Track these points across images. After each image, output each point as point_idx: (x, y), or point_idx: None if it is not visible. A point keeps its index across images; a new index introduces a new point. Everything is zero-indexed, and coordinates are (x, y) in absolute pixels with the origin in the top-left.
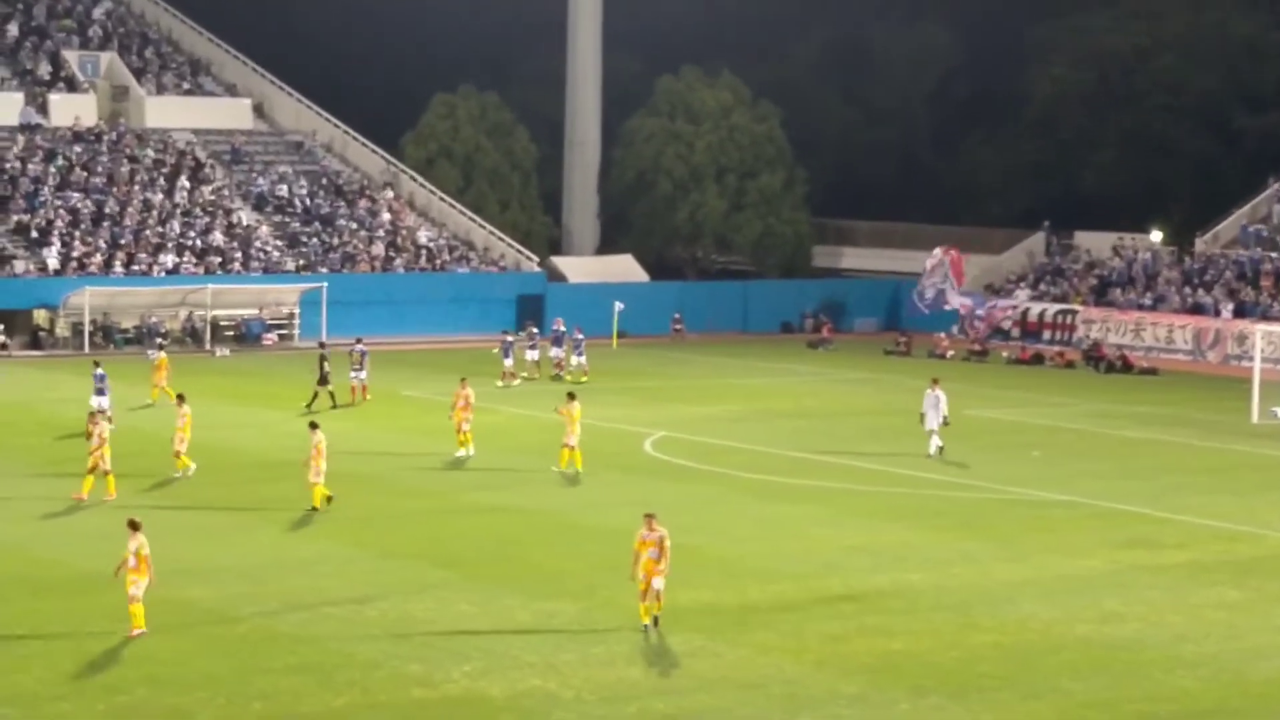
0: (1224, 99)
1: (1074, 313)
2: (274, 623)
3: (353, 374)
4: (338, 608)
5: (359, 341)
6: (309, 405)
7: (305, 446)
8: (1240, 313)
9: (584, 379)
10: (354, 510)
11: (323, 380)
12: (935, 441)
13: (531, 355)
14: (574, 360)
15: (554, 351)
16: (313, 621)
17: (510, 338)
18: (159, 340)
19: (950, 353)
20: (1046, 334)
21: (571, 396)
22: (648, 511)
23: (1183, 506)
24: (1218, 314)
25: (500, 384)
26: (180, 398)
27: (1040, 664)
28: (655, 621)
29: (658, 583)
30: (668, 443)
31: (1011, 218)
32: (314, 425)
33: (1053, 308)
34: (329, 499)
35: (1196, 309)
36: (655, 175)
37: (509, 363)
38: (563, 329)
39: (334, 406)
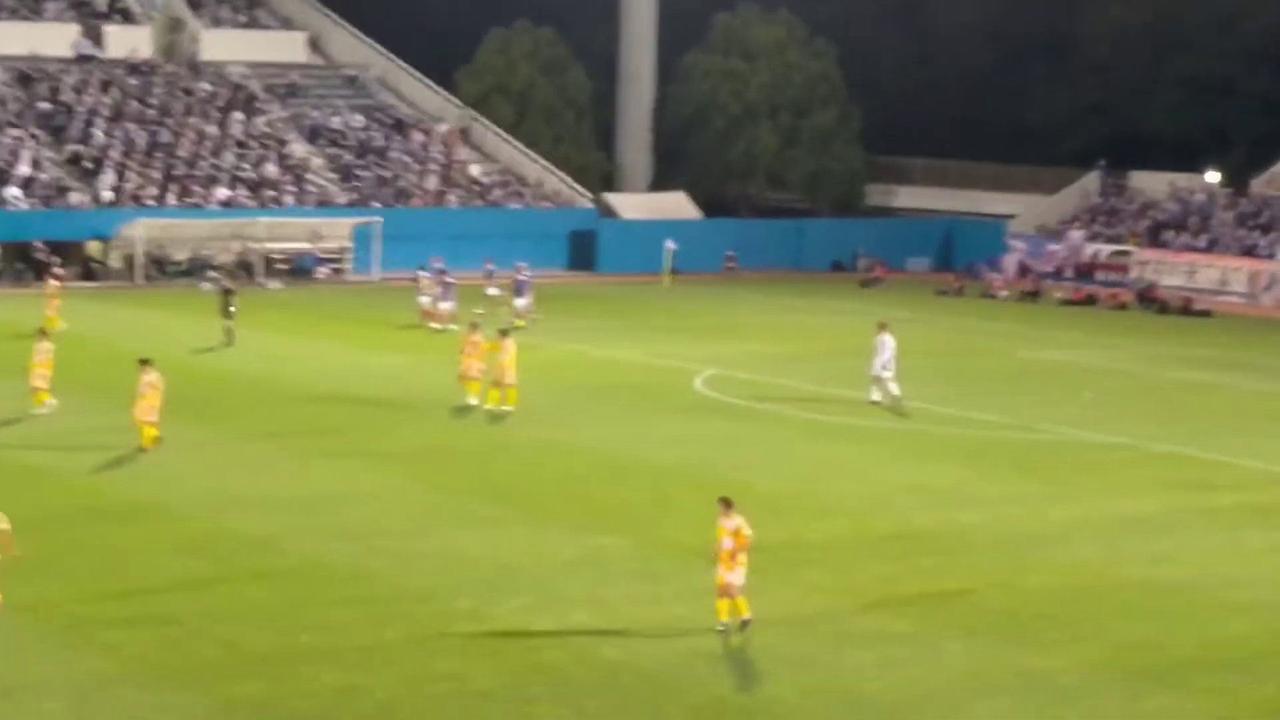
0: None
1: (1128, 254)
2: (324, 555)
3: (441, 302)
4: (389, 540)
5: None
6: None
7: (332, 380)
8: None
9: (520, 324)
10: (407, 444)
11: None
12: (875, 391)
13: (492, 291)
14: (518, 302)
15: (519, 302)
16: (363, 554)
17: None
18: (210, 273)
19: (1003, 293)
20: (1100, 275)
21: (504, 333)
22: (723, 496)
23: (1236, 449)
24: (1273, 256)
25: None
26: (43, 332)
27: (1091, 606)
28: (743, 625)
29: (730, 577)
30: (718, 380)
31: (1067, 158)
32: (144, 362)
33: (1106, 249)
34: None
35: (1251, 251)
36: (710, 112)
37: (523, 302)
38: (493, 268)
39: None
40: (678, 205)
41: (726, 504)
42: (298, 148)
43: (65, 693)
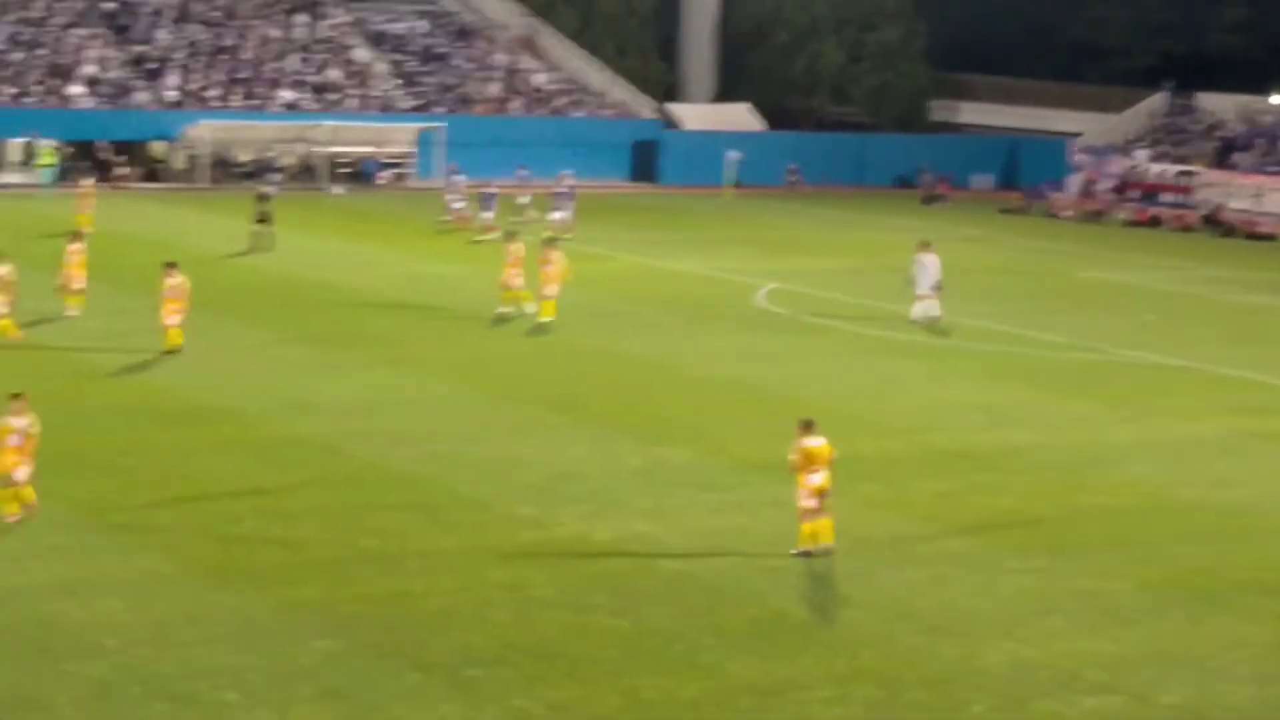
0: None
1: (1194, 175)
2: (383, 459)
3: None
4: (448, 446)
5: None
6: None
7: (391, 286)
8: None
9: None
10: (465, 351)
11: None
12: (921, 307)
13: (522, 200)
14: (554, 215)
15: (555, 215)
16: (422, 460)
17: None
18: (272, 176)
19: (1067, 213)
20: (1165, 196)
21: (549, 243)
22: (804, 418)
23: None
24: None
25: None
26: (75, 234)
27: (1148, 527)
28: (822, 552)
29: (803, 500)
30: (780, 295)
31: (1133, 77)
32: (170, 265)
33: (1172, 169)
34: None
35: None
36: (774, 25)
37: (559, 216)
38: (526, 173)
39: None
40: (741, 117)
41: (807, 425)
42: (361, 53)
43: (125, 591)
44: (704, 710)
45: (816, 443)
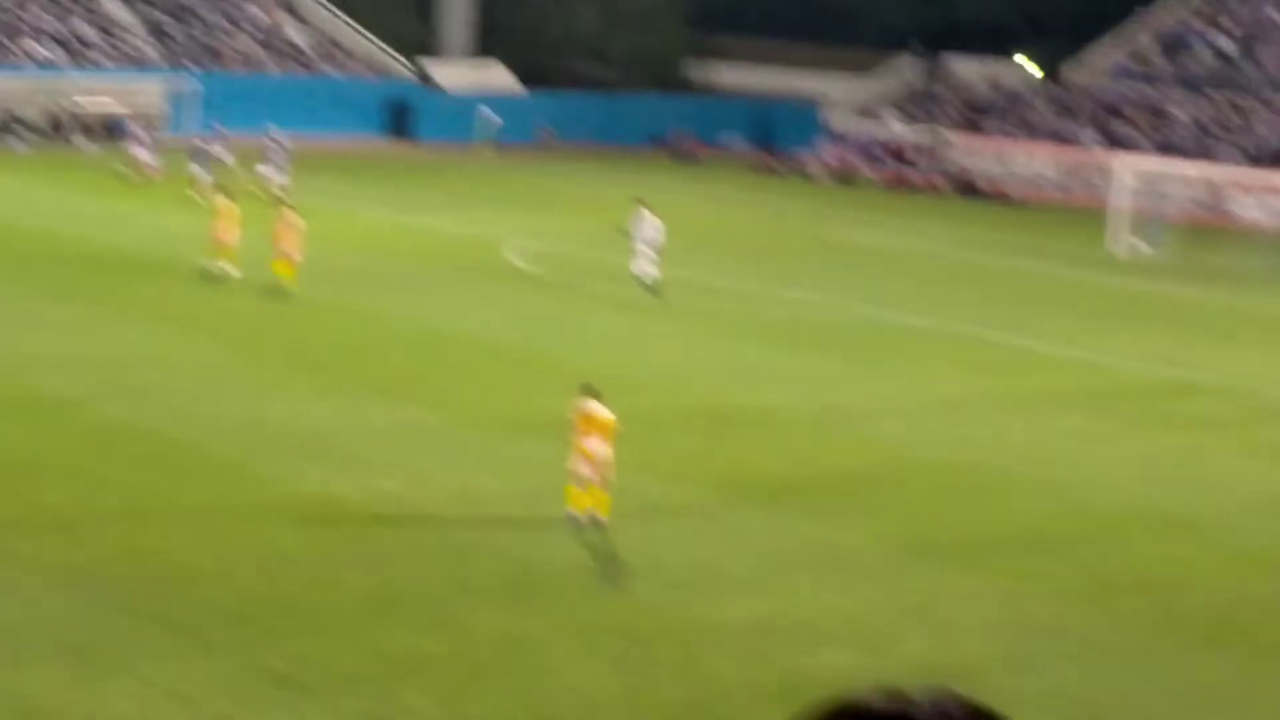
0: None
1: (942, 138)
2: (128, 416)
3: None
4: (192, 405)
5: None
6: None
7: (135, 243)
8: (1110, 144)
9: (255, 189)
10: (211, 309)
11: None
12: (640, 264)
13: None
14: (261, 169)
15: (262, 169)
16: (166, 418)
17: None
18: (19, 130)
19: (816, 172)
20: (913, 159)
21: (280, 203)
22: (586, 383)
23: (1041, 335)
24: (1084, 145)
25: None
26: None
27: (892, 484)
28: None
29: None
30: (530, 252)
31: (886, 40)
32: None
33: (920, 134)
34: None
35: (1064, 139)
36: None
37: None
38: (219, 128)
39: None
40: (496, 76)
41: (588, 390)
42: (111, 5)
43: None
44: (449, 664)
45: (598, 410)
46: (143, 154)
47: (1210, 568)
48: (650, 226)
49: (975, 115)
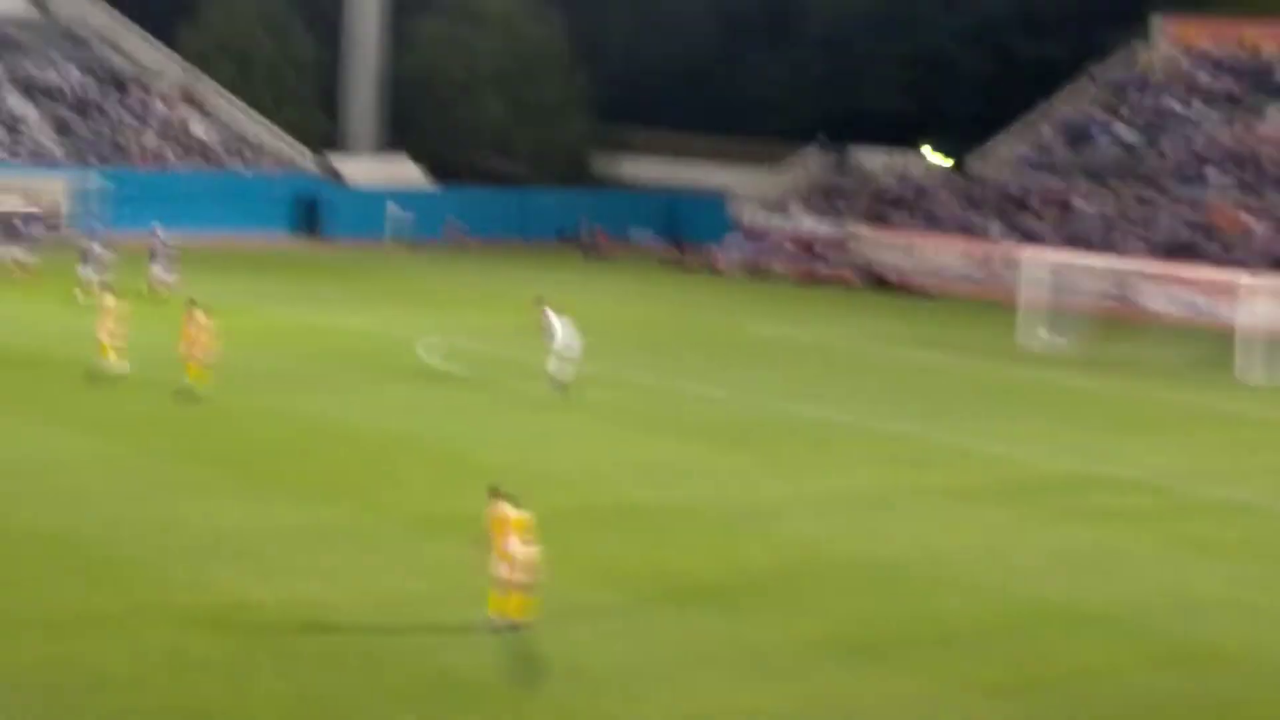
0: (1005, 24)
1: (849, 231)
2: (33, 521)
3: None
4: (100, 507)
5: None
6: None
7: (38, 342)
8: (1017, 235)
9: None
10: (120, 409)
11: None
12: (551, 363)
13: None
14: (154, 268)
15: (154, 268)
16: (74, 521)
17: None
18: None
19: (724, 266)
20: (821, 252)
21: (192, 303)
22: (492, 486)
23: (952, 428)
24: (990, 235)
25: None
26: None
27: (806, 581)
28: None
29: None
30: (440, 349)
31: (790, 133)
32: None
33: (829, 225)
34: None
35: (971, 231)
36: (436, 78)
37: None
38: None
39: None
40: (405, 171)
41: (495, 492)
42: (13, 102)
43: None
44: None
45: (507, 510)
46: (17, 252)
47: (1126, 662)
48: (557, 324)
49: (883, 207)
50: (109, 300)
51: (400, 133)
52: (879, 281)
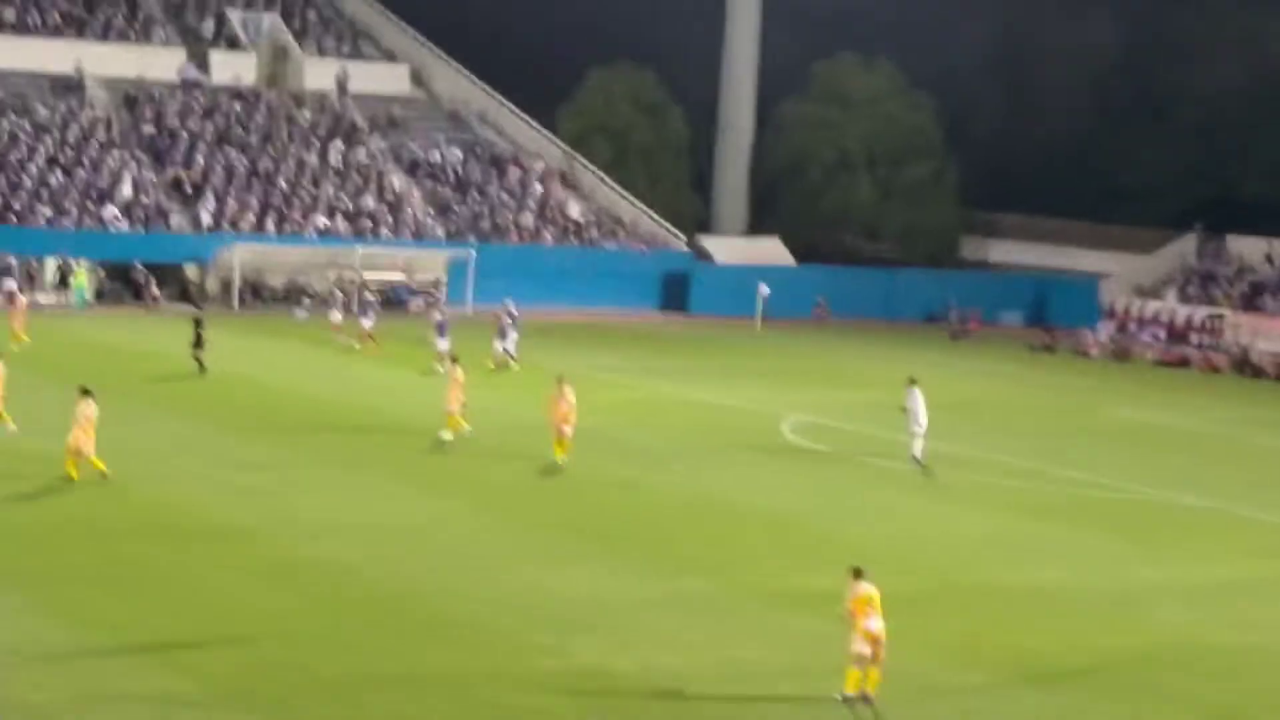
0: None
1: (1222, 318)
2: (403, 584)
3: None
4: (470, 573)
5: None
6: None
7: (420, 413)
8: None
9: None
10: (492, 479)
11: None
12: (916, 445)
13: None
14: (496, 344)
15: (497, 344)
16: (443, 585)
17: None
18: (305, 299)
19: (1094, 351)
20: (1193, 338)
21: (561, 380)
22: (854, 566)
23: None
24: None
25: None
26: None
27: (1173, 668)
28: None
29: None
30: (805, 427)
31: (1164, 219)
32: (85, 391)
33: (1201, 311)
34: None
35: None
36: (806, 161)
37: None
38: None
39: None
40: (772, 251)
41: (857, 572)
42: (396, 179)
43: (143, 709)
44: None
45: (869, 589)
46: (366, 323)
47: None
48: (921, 406)
49: (1256, 294)
50: (455, 370)
51: (768, 213)
52: (1253, 369)
